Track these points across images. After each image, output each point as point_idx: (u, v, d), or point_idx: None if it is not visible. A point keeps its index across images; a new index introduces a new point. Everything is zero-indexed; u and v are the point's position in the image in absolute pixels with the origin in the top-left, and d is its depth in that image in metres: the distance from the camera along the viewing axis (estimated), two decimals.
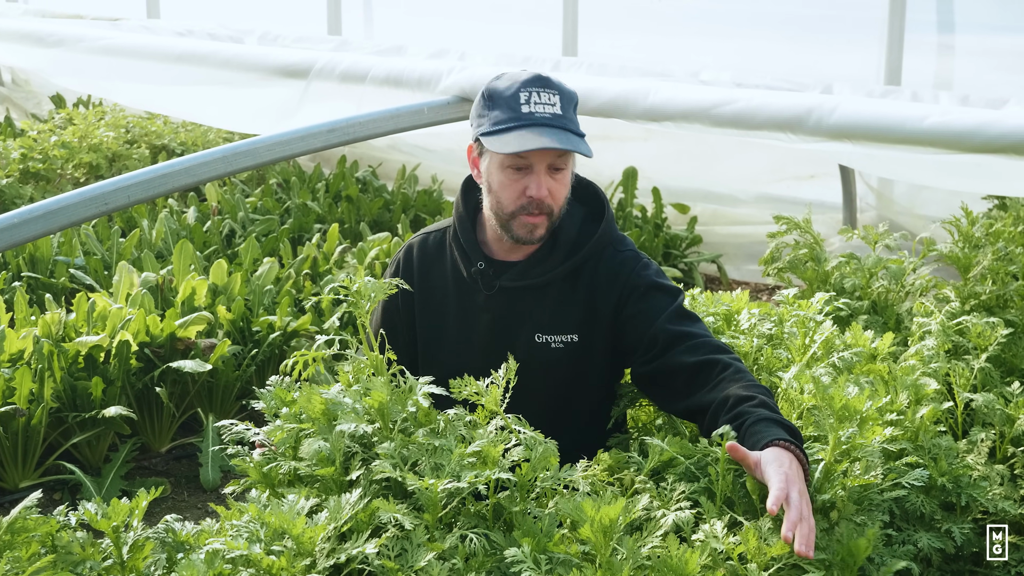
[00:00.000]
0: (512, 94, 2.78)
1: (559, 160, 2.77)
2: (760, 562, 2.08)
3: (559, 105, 2.77)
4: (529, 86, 2.77)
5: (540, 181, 2.76)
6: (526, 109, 2.75)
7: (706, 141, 6.39)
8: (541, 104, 2.76)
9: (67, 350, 4.42)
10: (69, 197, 3.33)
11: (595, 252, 2.91)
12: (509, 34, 8.36)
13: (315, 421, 2.40)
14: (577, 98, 2.85)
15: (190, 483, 4.67)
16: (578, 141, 2.75)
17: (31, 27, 7.73)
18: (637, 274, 2.89)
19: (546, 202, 2.78)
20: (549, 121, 2.74)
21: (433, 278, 2.99)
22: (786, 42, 7.18)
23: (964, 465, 2.66)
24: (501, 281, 2.90)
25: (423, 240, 3.06)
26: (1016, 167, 3.54)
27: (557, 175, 2.79)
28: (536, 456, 2.29)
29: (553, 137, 2.71)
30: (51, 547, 2.30)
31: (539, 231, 2.82)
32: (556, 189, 2.79)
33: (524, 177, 2.78)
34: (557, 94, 2.78)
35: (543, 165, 2.76)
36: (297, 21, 9.42)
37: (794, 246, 4.36)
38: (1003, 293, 3.79)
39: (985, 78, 6.43)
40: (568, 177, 2.83)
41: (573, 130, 2.76)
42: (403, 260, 3.05)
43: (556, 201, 2.81)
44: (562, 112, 2.76)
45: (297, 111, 5.56)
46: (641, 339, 2.81)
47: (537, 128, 2.73)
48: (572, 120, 2.79)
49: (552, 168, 2.77)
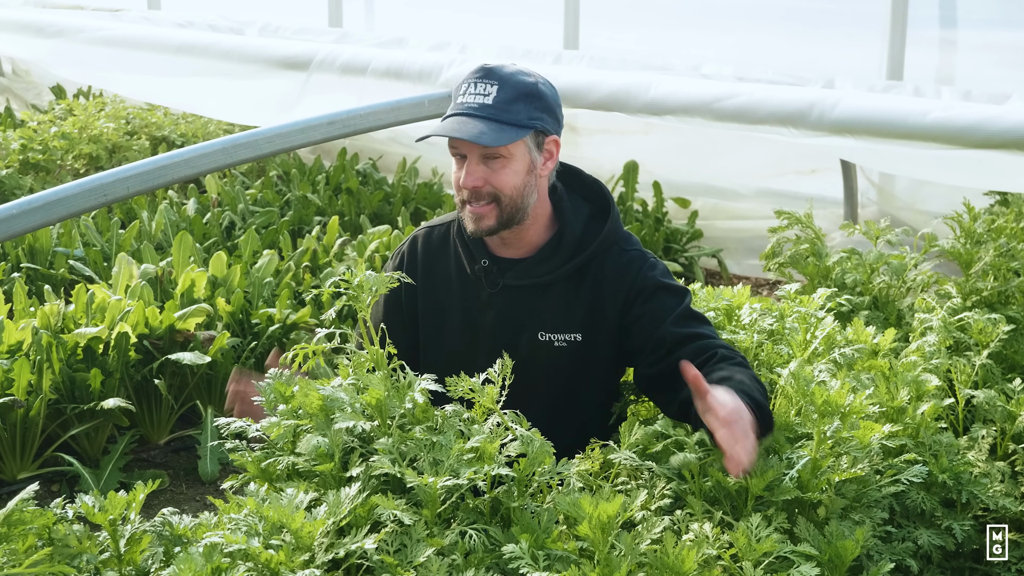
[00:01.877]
0: (458, 86, 2.81)
1: (488, 150, 2.73)
2: (752, 559, 2.07)
3: (493, 96, 2.73)
4: (471, 77, 2.79)
5: (469, 170, 2.75)
6: (460, 99, 2.77)
7: (707, 135, 6.37)
8: (473, 95, 2.75)
9: (66, 341, 4.41)
10: (68, 188, 3.32)
11: (601, 251, 2.89)
12: (510, 27, 8.35)
13: (313, 417, 2.39)
14: (533, 89, 2.79)
15: (189, 475, 4.66)
16: (495, 128, 2.70)
17: (31, 17, 7.72)
18: (644, 274, 2.87)
19: (484, 191, 2.75)
20: (474, 111, 2.73)
21: (437, 272, 2.98)
22: (787, 36, 7.18)
23: (965, 462, 2.66)
24: (505, 279, 2.89)
25: (427, 233, 3.05)
26: (1018, 163, 3.53)
27: (493, 163, 2.75)
28: (533, 451, 2.29)
29: (459, 126, 2.71)
30: (48, 540, 2.29)
31: (485, 222, 2.79)
32: (494, 177, 2.76)
33: (462, 168, 2.79)
34: (495, 84, 2.75)
35: (474, 154, 2.75)
36: (298, 13, 9.40)
37: (795, 241, 4.35)
38: (1005, 289, 3.78)
39: (987, 73, 6.43)
40: (513, 165, 2.77)
41: (501, 120, 2.72)
42: (407, 252, 3.04)
43: (500, 188, 2.76)
44: (493, 103, 2.73)
45: (297, 103, 5.55)
46: (648, 341, 2.79)
47: (458, 117, 2.74)
48: (506, 111, 2.73)
49: (486, 157, 2.75)
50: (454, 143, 2.76)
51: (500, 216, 2.80)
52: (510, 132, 2.73)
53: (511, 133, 2.73)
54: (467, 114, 2.73)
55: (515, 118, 2.74)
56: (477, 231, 2.81)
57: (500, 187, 2.76)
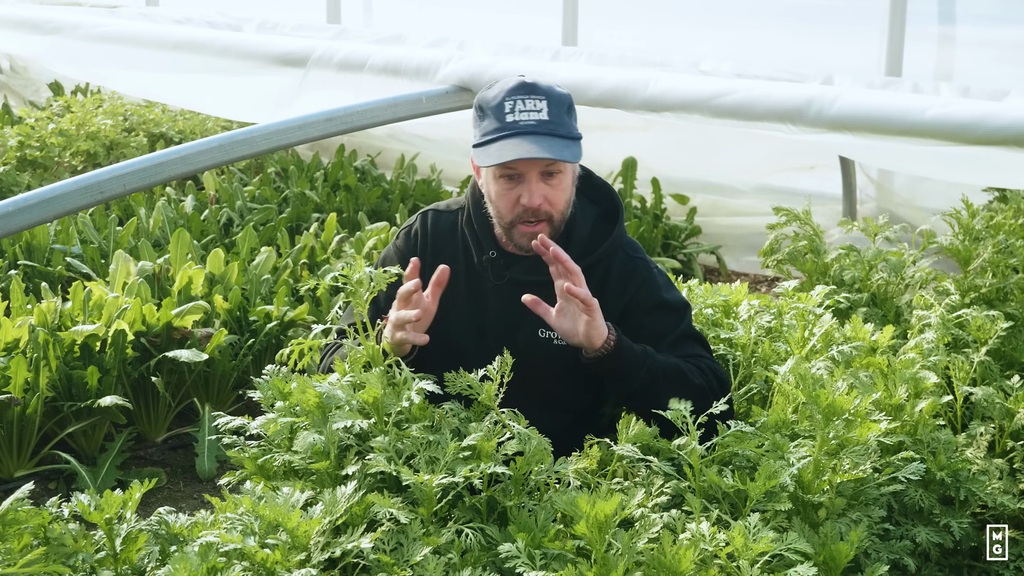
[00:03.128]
0: (498, 104, 2.74)
1: (551, 166, 2.72)
2: (748, 559, 2.07)
3: (546, 111, 2.71)
4: (514, 94, 2.73)
5: (532, 189, 2.72)
6: (510, 118, 2.71)
7: (705, 132, 6.36)
8: (526, 111, 2.71)
9: (63, 339, 4.40)
10: (66, 185, 3.31)
11: (607, 254, 2.89)
12: (509, 23, 8.34)
13: (310, 414, 2.38)
14: (570, 100, 2.79)
15: (186, 473, 4.65)
16: (562, 147, 2.68)
17: (29, 14, 7.71)
18: (647, 286, 2.89)
19: (542, 209, 2.75)
20: (534, 128, 2.69)
21: (445, 253, 2.97)
22: (786, 32, 7.17)
23: (963, 459, 2.65)
24: (511, 273, 2.88)
25: (436, 215, 3.04)
26: (1017, 159, 3.52)
27: (552, 180, 2.74)
28: (530, 450, 2.28)
29: (535, 145, 2.66)
30: (43, 539, 2.29)
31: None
32: (552, 195, 2.75)
33: (517, 186, 2.74)
34: (544, 99, 2.72)
35: (534, 173, 2.72)
36: (296, 9, 9.39)
37: (793, 238, 4.35)
38: (1003, 286, 3.77)
39: (986, 70, 6.42)
40: (566, 181, 2.78)
41: (561, 134, 2.71)
42: (419, 227, 3.03)
43: (554, 207, 2.77)
44: (549, 117, 2.71)
45: (295, 99, 5.54)
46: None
47: (520, 136, 2.68)
48: (562, 124, 2.73)
49: (545, 174, 2.73)
50: (511, 164, 2.70)
51: (552, 230, 2.80)
52: (575, 147, 2.73)
53: (576, 148, 2.73)
54: (530, 132, 2.69)
55: (571, 131, 2.75)
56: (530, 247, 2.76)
57: (555, 204, 2.77)
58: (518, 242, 2.80)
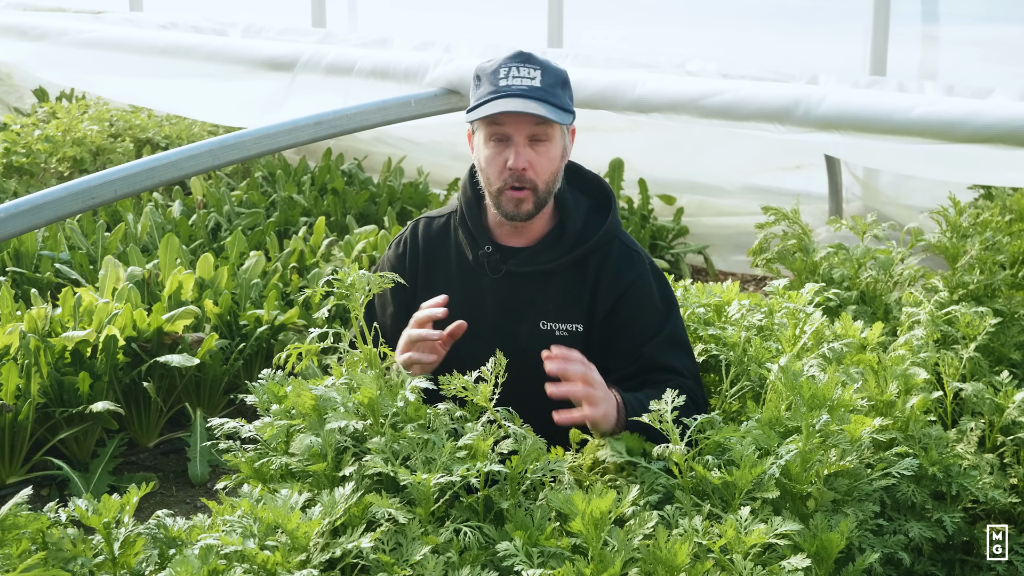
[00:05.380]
0: (494, 70, 2.80)
1: (538, 130, 2.76)
2: (741, 551, 2.08)
3: (539, 79, 2.76)
4: (510, 62, 2.79)
5: (519, 151, 2.76)
6: (504, 83, 2.77)
7: (692, 132, 6.39)
8: (519, 77, 2.76)
9: (53, 345, 4.40)
10: (55, 191, 3.31)
11: (604, 242, 2.92)
12: (495, 25, 8.35)
13: (306, 417, 2.39)
14: (565, 75, 2.85)
15: (178, 478, 4.65)
16: (550, 109, 2.73)
17: (13, 20, 7.69)
18: (643, 279, 2.91)
19: (527, 175, 2.78)
20: (525, 92, 2.74)
21: (437, 260, 3.00)
22: (771, 33, 7.19)
23: (954, 454, 2.67)
24: (508, 266, 2.90)
25: (427, 222, 3.07)
26: (1002, 157, 3.55)
27: (539, 147, 2.78)
28: (525, 449, 2.30)
29: (523, 102, 2.72)
30: (42, 544, 2.29)
31: (525, 206, 2.81)
32: (537, 161, 2.78)
33: (506, 149, 2.79)
34: (539, 69, 2.78)
35: (522, 136, 2.76)
36: (281, 13, 9.38)
37: (782, 237, 4.37)
38: (991, 282, 3.80)
39: (969, 68, 6.46)
40: (553, 151, 2.81)
41: (551, 102, 2.75)
42: (409, 237, 3.06)
43: (539, 175, 2.79)
44: (542, 85, 2.76)
45: (283, 104, 5.55)
46: (626, 349, 2.86)
47: (511, 98, 2.74)
48: (553, 94, 2.77)
49: (533, 139, 2.77)
50: (502, 120, 2.75)
51: (537, 202, 2.83)
52: (563, 113, 2.77)
53: (564, 114, 2.77)
54: (518, 95, 2.74)
55: (562, 102, 2.79)
56: (518, 215, 2.83)
57: (540, 172, 2.80)
58: (504, 208, 2.83)
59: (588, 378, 2.50)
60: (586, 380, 2.49)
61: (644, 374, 2.82)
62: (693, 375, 2.86)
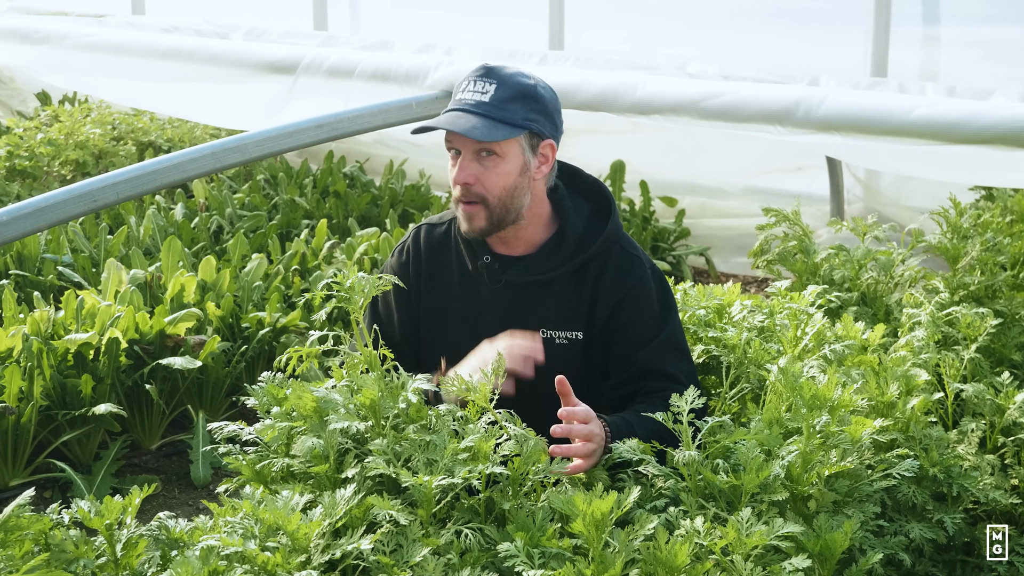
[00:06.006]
0: (458, 84, 2.84)
1: (484, 147, 2.76)
2: (742, 553, 2.09)
3: (491, 93, 2.76)
4: (471, 76, 2.82)
5: (463, 165, 2.78)
6: (458, 96, 2.80)
7: (693, 134, 6.39)
8: (472, 92, 2.78)
9: (56, 348, 4.41)
10: (58, 194, 3.32)
11: (603, 249, 2.91)
12: (496, 27, 8.36)
13: (307, 418, 2.40)
14: (531, 90, 2.81)
15: (180, 480, 4.66)
16: (486, 125, 2.72)
17: (16, 24, 7.70)
18: (643, 284, 2.90)
19: (473, 189, 2.78)
20: (470, 107, 2.76)
21: (439, 266, 3.00)
22: (772, 34, 7.20)
23: (955, 455, 2.67)
24: (507, 276, 2.90)
25: (429, 228, 3.07)
26: (1003, 158, 3.55)
27: (486, 162, 2.78)
28: (527, 450, 2.30)
29: (452, 119, 2.74)
30: (44, 545, 2.30)
31: (476, 222, 2.81)
32: (484, 176, 2.78)
33: (455, 164, 2.81)
34: (494, 83, 2.78)
35: (468, 151, 2.77)
36: (283, 16, 9.40)
37: (783, 238, 4.37)
38: (992, 283, 3.80)
39: (970, 69, 6.46)
40: (504, 167, 2.79)
41: (493, 117, 2.74)
42: (412, 244, 3.05)
43: (488, 190, 2.78)
44: (490, 100, 2.76)
45: (285, 107, 5.55)
46: (622, 355, 2.86)
47: (454, 113, 2.77)
48: (501, 108, 2.76)
49: (480, 154, 2.77)
50: (449, 137, 2.78)
51: (490, 217, 2.81)
52: (503, 130, 2.74)
53: (503, 131, 2.74)
54: (463, 110, 2.76)
55: (510, 117, 2.76)
56: (470, 231, 2.83)
57: (489, 187, 2.78)
58: (460, 223, 2.86)
59: (590, 434, 2.46)
60: (587, 438, 2.45)
61: (641, 379, 2.82)
62: (691, 379, 2.85)
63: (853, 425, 2.42)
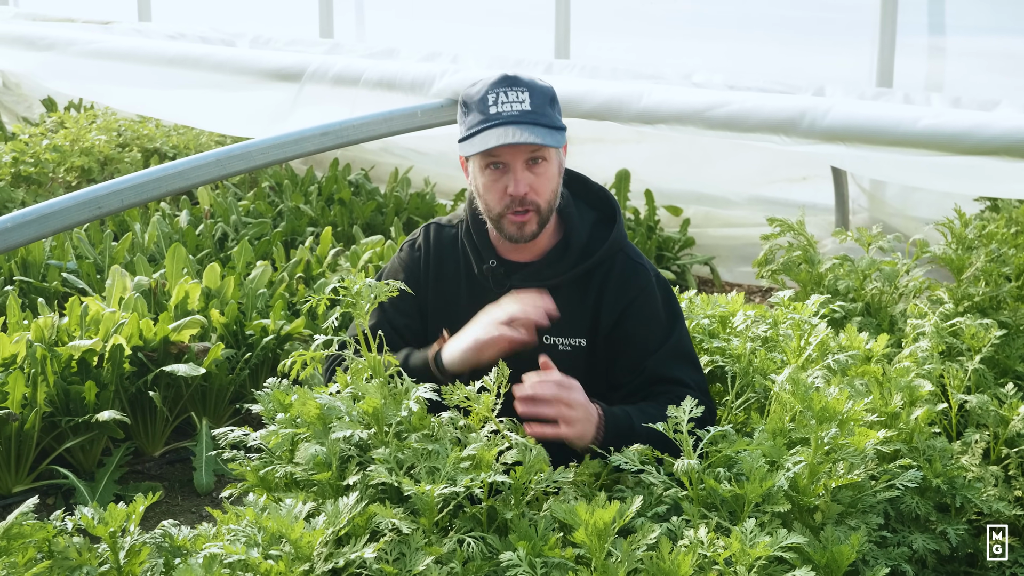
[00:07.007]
0: (482, 97, 2.80)
1: (535, 154, 2.77)
2: (746, 564, 2.08)
3: (528, 101, 2.76)
4: (496, 87, 2.79)
5: (518, 178, 2.76)
6: (494, 110, 2.77)
7: (698, 143, 6.39)
8: (508, 103, 2.76)
9: (60, 354, 4.41)
10: (63, 201, 3.32)
11: (608, 256, 2.91)
12: (501, 37, 8.36)
13: (311, 425, 2.40)
14: (552, 92, 2.85)
15: (184, 487, 4.66)
16: (545, 133, 2.74)
17: (22, 30, 7.71)
18: (644, 295, 2.90)
19: (528, 198, 2.78)
20: (516, 118, 2.74)
21: (447, 268, 3.00)
22: (777, 44, 7.20)
23: (959, 466, 2.67)
24: (512, 281, 2.90)
25: (438, 228, 3.07)
26: (1008, 169, 3.55)
27: (536, 169, 2.78)
28: (529, 459, 2.30)
29: (517, 131, 2.72)
30: (48, 553, 2.30)
31: (529, 227, 2.82)
32: (537, 183, 2.79)
33: (503, 176, 2.79)
34: (526, 91, 2.78)
35: (519, 162, 2.76)
36: (289, 23, 9.41)
37: (788, 248, 4.37)
38: (996, 294, 3.80)
39: (975, 79, 6.45)
40: (551, 170, 2.81)
41: (544, 124, 2.76)
42: (423, 241, 3.06)
43: (540, 195, 2.80)
44: (532, 108, 2.76)
45: (290, 114, 5.56)
46: (630, 363, 2.85)
47: (503, 126, 2.74)
48: (544, 114, 2.78)
49: (530, 162, 2.77)
50: (496, 152, 2.76)
51: (540, 221, 2.83)
52: (558, 135, 2.78)
53: (559, 136, 2.78)
54: (513, 122, 2.74)
55: (554, 121, 2.80)
56: (522, 237, 2.83)
57: (541, 193, 2.80)
58: (508, 232, 2.84)
59: (561, 398, 2.48)
60: (559, 400, 2.48)
61: (650, 387, 2.81)
62: (700, 387, 2.85)
63: (857, 436, 2.41)
